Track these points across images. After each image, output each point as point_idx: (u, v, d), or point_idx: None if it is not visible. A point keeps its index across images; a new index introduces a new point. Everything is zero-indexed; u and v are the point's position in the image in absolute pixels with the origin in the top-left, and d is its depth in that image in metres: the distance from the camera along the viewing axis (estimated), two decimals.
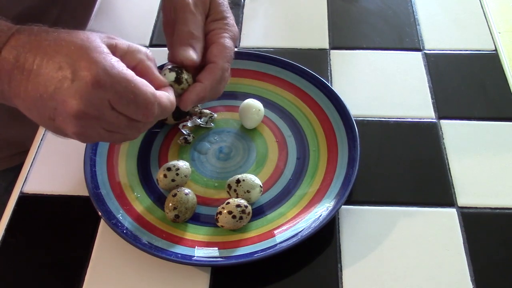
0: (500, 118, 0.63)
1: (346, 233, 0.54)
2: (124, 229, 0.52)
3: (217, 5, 0.52)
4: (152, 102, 0.42)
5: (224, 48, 0.50)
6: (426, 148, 0.61)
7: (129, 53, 0.43)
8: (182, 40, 0.49)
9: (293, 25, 0.76)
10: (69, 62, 0.39)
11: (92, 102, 0.40)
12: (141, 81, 0.42)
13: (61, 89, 0.39)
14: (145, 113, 0.43)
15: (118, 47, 0.42)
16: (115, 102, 0.41)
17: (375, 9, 0.78)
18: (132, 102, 0.41)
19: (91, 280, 0.51)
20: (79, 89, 0.39)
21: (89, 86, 0.39)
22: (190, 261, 0.50)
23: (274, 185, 0.57)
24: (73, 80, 0.39)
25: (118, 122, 0.42)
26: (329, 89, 0.62)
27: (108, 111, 0.41)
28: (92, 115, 0.40)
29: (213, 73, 0.49)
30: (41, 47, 0.40)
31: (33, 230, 0.55)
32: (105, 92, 0.40)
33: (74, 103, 0.39)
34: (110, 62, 0.40)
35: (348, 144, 0.58)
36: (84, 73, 0.39)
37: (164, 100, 0.44)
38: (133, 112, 0.42)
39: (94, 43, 0.40)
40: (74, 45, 0.40)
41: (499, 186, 0.57)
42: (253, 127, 0.62)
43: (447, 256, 0.52)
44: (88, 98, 0.39)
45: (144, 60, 0.44)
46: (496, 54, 0.70)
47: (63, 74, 0.39)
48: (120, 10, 0.79)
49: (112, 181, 0.57)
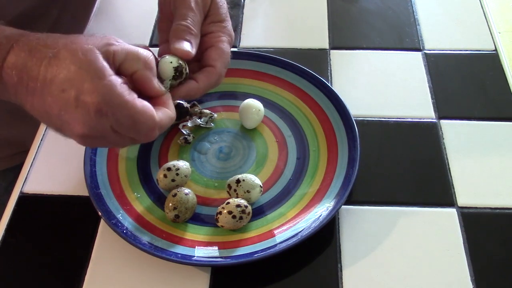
0: (500, 118, 0.63)
1: (346, 233, 0.54)
2: (124, 229, 0.52)
3: (217, 7, 0.52)
4: (153, 128, 0.43)
5: (223, 53, 0.50)
6: (426, 148, 0.61)
7: (127, 61, 0.43)
8: (178, 34, 0.49)
9: (293, 25, 0.76)
10: (71, 85, 0.39)
11: (95, 128, 0.41)
12: (141, 108, 0.42)
13: (66, 112, 0.40)
14: (146, 137, 0.44)
15: (115, 56, 0.42)
16: (117, 127, 0.42)
17: (375, 9, 0.78)
18: (133, 128, 0.42)
19: (91, 280, 0.51)
20: (82, 116, 0.40)
21: (91, 115, 0.40)
22: (190, 261, 0.50)
23: (274, 185, 0.57)
24: (77, 107, 0.39)
25: (122, 141, 0.44)
26: (329, 89, 0.62)
27: (111, 134, 0.42)
28: (96, 136, 0.42)
29: (210, 77, 0.49)
30: (42, 65, 0.40)
31: (33, 230, 0.55)
32: (107, 120, 0.41)
33: (78, 127, 0.40)
34: (111, 91, 0.40)
35: (348, 144, 0.58)
36: (87, 99, 0.39)
37: (164, 123, 0.45)
38: (135, 136, 0.44)
39: (93, 65, 0.40)
40: (74, 66, 0.39)
41: (499, 186, 0.57)
42: (253, 127, 0.62)
43: (447, 256, 0.52)
44: (91, 124, 0.40)
45: (141, 69, 0.44)
46: (496, 54, 0.70)
47: (67, 97, 0.39)
48: (120, 10, 0.79)
49: (112, 181, 0.57)
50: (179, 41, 0.48)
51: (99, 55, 0.41)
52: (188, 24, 0.49)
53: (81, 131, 0.41)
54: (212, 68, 0.49)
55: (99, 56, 0.41)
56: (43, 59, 0.40)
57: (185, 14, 0.49)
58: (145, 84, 0.44)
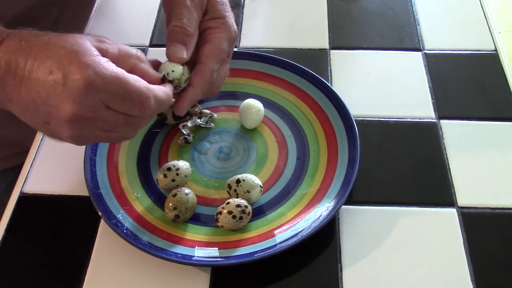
0: (500, 118, 0.63)
1: (346, 233, 0.54)
2: (124, 229, 0.52)
3: (215, 3, 0.51)
4: (147, 96, 0.42)
5: (216, 48, 0.50)
6: (426, 148, 0.61)
7: (121, 57, 0.43)
8: (174, 36, 0.48)
9: (293, 25, 0.76)
10: (59, 66, 0.39)
11: (86, 104, 0.40)
12: (133, 77, 0.42)
13: (53, 94, 0.39)
14: (142, 108, 0.43)
15: (108, 52, 0.42)
16: (109, 101, 0.41)
17: (375, 9, 0.78)
18: (127, 98, 0.41)
19: (91, 280, 0.51)
20: (71, 93, 0.39)
21: (81, 90, 0.39)
22: (190, 261, 0.50)
23: (274, 185, 0.57)
24: (65, 85, 0.39)
25: (115, 120, 0.42)
26: (329, 89, 0.62)
27: (103, 111, 0.41)
28: (88, 117, 0.41)
29: (203, 75, 0.49)
30: (32, 52, 0.40)
31: (33, 230, 0.55)
32: (98, 94, 0.40)
33: (68, 107, 0.39)
34: (100, 63, 0.40)
35: (348, 144, 0.58)
36: (75, 76, 0.39)
37: (159, 93, 0.44)
38: (129, 108, 0.42)
39: (83, 46, 0.40)
40: (64, 49, 0.40)
41: (499, 186, 0.57)
42: (253, 127, 0.62)
43: (447, 256, 0.52)
44: (81, 101, 0.39)
45: (137, 64, 0.44)
46: (496, 54, 0.70)
47: (55, 79, 0.39)
48: (120, 10, 0.79)
49: (112, 181, 0.57)
50: (174, 45, 0.48)
51: (91, 46, 0.41)
52: (183, 24, 0.48)
53: (70, 110, 0.39)
54: (203, 65, 0.49)
55: (90, 45, 0.41)
56: (34, 46, 0.40)
57: (181, 13, 0.49)
58: (145, 77, 0.44)
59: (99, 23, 0.76)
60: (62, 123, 0.41)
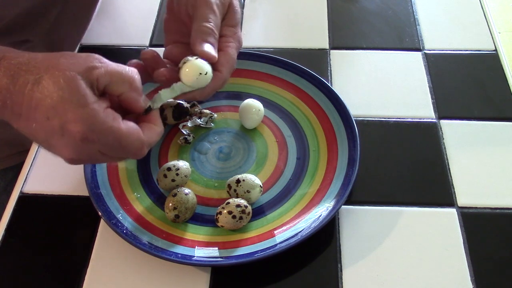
0: (500, 118, 0.63)
1: (346, 233, 0.54)
2: (124, 229, 0.52)
3: (234, 12, 0.52)
4: (140, 148, 0.44)
5: (231, 59, 0.50)
6: (426, 148, 0.61)
7: (112, 83, 0.43)
8: (203, 37, 0.48)
9: (293, 25, 0.76)
10: (55, 114, 0.39)
11: (83, 153, 0.42)
12: (127, 131, 0.42)
13: (52, 138, 0.41)
14: (135, 155, 0.44)
15: (99, 81, 0.42)
16: (105, 151, 0.42)
17: (375, 9, 0.78)
18: (121, 150, 0.43)
19: (91, 280, 0.51)
20: (69, 143, 0.40)
21: (78, 142, 0.40)
22: (190, 261, 0.50)
23: (274, 185, 0.57)
24: (63, 135, 0.40)
25: (111, 160, 0.46)
26: (329, 89, 0.62)
27: (99, 156, 0.43)
28: (85, 158, 0.43)
29: (216, 81, 0.49)
30: (24, 94, 0.39)
31: (33, 230, 0.55)
32: (94, 145, 0.41)
33: (66, 153, 0.41)
34: (94, 118, 0.40)
35: (348, 144, 0.58)
36: (71, 128, 0.40)
37: (152, 139, 0.45)
38: (124, 156, 0.45)
39: (75, 93, 0.40)
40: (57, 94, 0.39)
41: (499, 186, 0.57)
42: (253, 127, 0.62)
43: (447, 256, 0.52)
44: (78, 150, 0.41)
45: (126, 92, 0.44)
46: (496, 54, 0.70)
47: (52, 126, 0.40)
48: (120, 10, 0.79)
49: (112, 181, 0.57)
50: (206, 45, 0.48)
51: (82, 82, 0.40)
52: (212, 26, 0.49)
53: (68, 156, 0.42)
54: (219, 73, 0.49)
55: (82, 83, 0.40)
56: (26, 85, 0.39)
57: (208, 15, 0.49)
58: (132, 105, 0.45)
59: (99, 23, 0.76)
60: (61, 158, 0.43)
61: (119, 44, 0.73)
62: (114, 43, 0.74)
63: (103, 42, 0.74)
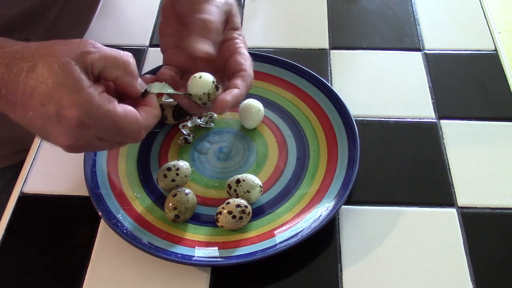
0: (500, 118, 0.63)
1: (346, 233, 0.54)
2: (124, 229, 0.52)
3: (235, 15, 0.52)
4: (138, 131, 0.44)
5: (248, 58, 0.51)
6: (426, 148, 0.61)
7: (107, 68, 0.43)
8: (202, 30, 0.48)
9: (293, 25, 0.76)
10: (50, 100, 0.39)
11: (80, 139, 0.41)
12: (124, 114, 0.42)
13: (49, 125, 0.40)
14: (133, 139, 0.44)
15: (94, 65, 0.41)
16: (102, 135, 0.42)
17: (375, 9, 0.78)
18: (119, 133, 0.43)
19: (91, 280, 0.51)
20: (65, 129, 0.40)
21: (74, 128, 0.40)
22: (190, 261, 0.50)
23: (274, 185, 0.57)
24: (59, 121, 0.40)
25: (109, 145, 0.45)
26: (329, 89, 0.62)
27: (97, 141, 0.43)
28: (82, 145, 0.43)
29: (247, 80, 0.50)
30: (19, 81, 0.39)
31: (33, 230, 0.55)
32: (90, 130, 0.41)
33: (63, 139, 0.41)
34: (90, 102, 0.40)
35: (348, 144, 0.58)
36: (67, 114, 0.39)
37: (149, 121, 0.45)
38: (122, 140, 0.44)
39: (70, 78, 0.40)
40: (51, 80, 0.39)
41: (499, 186, 0.57)
42: (253, 127, 0.62)
43: (447, 256, 0.52)
44: (75, 136, 0.41)
45: (122, 76, 0.44)
46: (496, 54, 0.70)
47: (48, 113, 0.39)
48: (120, 10, 0.79)
49: (112, 181, 0.57)
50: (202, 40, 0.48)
51: (76, 67, 0.40)
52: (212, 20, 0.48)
53: (65, 143, 0.41)
54: (246, 73, 0.50)
55: (76, 68, 0.40)
56: (21, 73, 0.39)
57: (210, 9, 0.49)
58: (128, 89, 0.44)
59: (100, 22, 0.76)
60: (58, 145, 0.43)
61: (119, 44, 0.73)
62: (114, 43, 0.74)
63: (103, 42, 0.73)
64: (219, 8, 0.50)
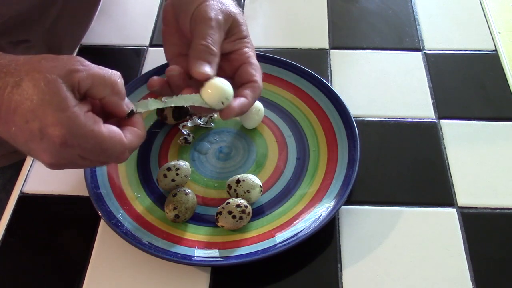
0: (500, 118, 0.63)
1: (346, 233, 0.54)
2: (124, 229, 0.52)
3: (239, 25, 0.52)
4: (122, 151, 0.43)
5: (258, 67, 0.51)
6: (426, 148, 0.61)
7: (94, 87, 0.42)
8: (200, 54, 0.48)
9: (293, 25, 0.76)
10: (35, 117, 0.39)
11: (63, 157, 0.41)
12: (108, 135, 0.42)
13: (32, 142, 0.40)
14: (117, 160, 0.44)
15: (81, 84, 0.41)
16: (85, 155, 0.42)
17: (375, 9, 0.78)
18: (102, 154, 0.42)
19: (91, 280, 0.51)
20: (48, 147, 0.40)
21: (57, 146, 0.40)
22: (190, 261, 0.50)
23: (274, 185, 0.57)
24: (42, 139, 0.39)
25: (92, 165, 0.45)
26: (329, 89, 0.62)
27: (80, 160, 0.42)
28: (65, 163, 0.42)
29: (255, 91, 0.50)
30: (3, 96, 0.39)
31: (33, 230, 0.55)
32: (74, 149, 0.41)
33: (45, 157, 0.41)
34: (74, 122, 0.40)
35: (348, 144, 0.58)
36: (51, 132, 0.39)
37: (134, 143, 0.44)
38: (105, 160, 0.44)
39: (56, 96, 0.39)
40: (37, 97, 0.39)
41: (499, 186, 0.57)
42: (253, 127, 0.62)
43: (447, 256, 0.52)
44: (58, 154, 0.41)
45: (108, 96, 0.43)
46: (496, 54, 0.70)
47: (31, 130, 0.39)
48: (120, 10, 0.79)
49: (112, 181, 0.57)
50: (200, 63, 0.48)
51: (62, 85, 0.40)
52: (208, 43, 0.48)
53: (48, 160, 0.41)
54: (255, 84, 0.50)
55: (62, 86, 0.40)
56: (6, 88, 0.39)
57: (206, 32, 0.49)
58: (114, 109, 0.44)
59: (100, 23, 0.76)
60: (42, 162, 0.42)
61: (119, 44, 0.73)
62: (114, 43, 0.74)
63: (103, 42, 0.74)
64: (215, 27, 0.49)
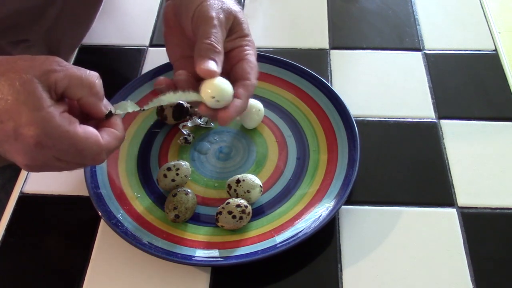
0: (500, 118, 0.63)
1: (346, 233, 0.54)
2: (124, 229, 0.52)
3: (240, 23, 0.52)
4: (98, 153, 0.43)
5: (254, 65, 0.51)
6: (426, 148, 0.61)
7: (71, 87, 0.42)
8: (204, 52, 0.48)
9: (293, 25, 0.76)
10: (9, 117, 0.39)
11: (38, 159, 0.41)
12: (84, 135, 0.41)
13: (6, 143, 0.40)
14: (93, 161, 0.43)
15: (57, 84, 0.41)
16: (60, 156, 0.41)
17: (375, 9, 0.78)
18: (78, 155, 0.42)
19: (91, 280, 0.51)
20: (23, 148, 0.39)
21: (31, 147, 0.39)
22: (190, 261, 0.50)
23: (274, 185, 0.57)
24: (16, 139, 0.39)
25: (68, 167, 0.44)
26: (329, 89, 0.62)
27: (55, 162, 0.42)
28: (40, 165, 0.42)
29: (248, 89, 0.50)
30: None
31: (33, 230, 0.55)
32: (49, 150, 0.40)
33: (20, 158, 0.40)
34: (49, 122, 0.39)
35: (348, 144, 0.58)
36: (25, 132, 0.39)
37: (111, 144, 0.44)
38: (81, 162, 0.43)
39: (32, 96, 0.39)
40: (11, 97, 0.38)
41: (499, 186, 0.57)
42: (253, 127, 0.62)
43: (447, 256, 0.52)
44: (32, 155, 0.40)
45: (86, 96, 0.43)
46: (496, 54, 0.70)
47: (6, 130, 0.39)
48: (120, 10, 0.79)
49: (112, 181, 0.57)
50: (205, 61, 0.48)
51: (38, 85, 0.39)
52: (212, 42, 0.49)
53: (23, 162, 0.41)
54: (248, 81, 0.50)
55: (38, 86, 0.39)
56: None
57: (209, 32, 0.49)
58: (91, 110, 0.44)
59: (100, 23, 0.76)
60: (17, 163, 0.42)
61: (120, 44, 0.73)
62: (114, 43, 0.74)
63: (103, 42, 0.74)
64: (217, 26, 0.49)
